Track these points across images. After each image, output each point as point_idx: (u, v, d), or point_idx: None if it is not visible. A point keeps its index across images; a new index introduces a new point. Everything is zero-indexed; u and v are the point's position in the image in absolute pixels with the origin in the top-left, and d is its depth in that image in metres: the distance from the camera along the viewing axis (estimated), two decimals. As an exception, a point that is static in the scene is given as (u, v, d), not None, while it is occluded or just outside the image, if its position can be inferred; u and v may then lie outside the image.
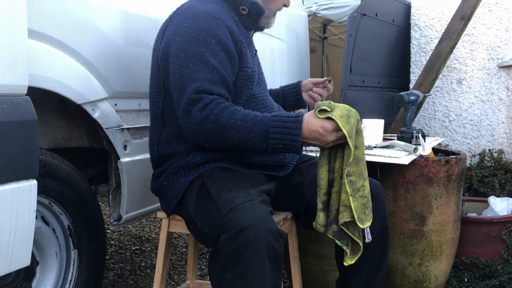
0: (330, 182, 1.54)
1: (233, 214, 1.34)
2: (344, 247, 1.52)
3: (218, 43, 1.54)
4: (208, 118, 1.48)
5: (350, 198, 1.46)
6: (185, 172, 1.60)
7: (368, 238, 1.55)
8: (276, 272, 1.31)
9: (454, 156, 2.28)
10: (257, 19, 1.73)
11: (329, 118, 1.46)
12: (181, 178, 1.60)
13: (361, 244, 1.52)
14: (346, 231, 1.50)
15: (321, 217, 1.53)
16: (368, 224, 1.50)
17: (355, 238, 1.51)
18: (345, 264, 1.53)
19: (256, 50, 1.82)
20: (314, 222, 1.55)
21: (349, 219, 1.47)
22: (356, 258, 1.53)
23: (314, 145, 1.54)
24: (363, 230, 1.53)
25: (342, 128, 1.44)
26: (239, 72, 1.62)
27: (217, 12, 1.59)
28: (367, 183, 1.52)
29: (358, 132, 1.50)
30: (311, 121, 1.48)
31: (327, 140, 1.48)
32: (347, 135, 1.45)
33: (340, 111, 1.47)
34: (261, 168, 1.65)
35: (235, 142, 1.49)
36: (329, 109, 1.47)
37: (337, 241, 1.51)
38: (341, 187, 1.49)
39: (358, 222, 1.47)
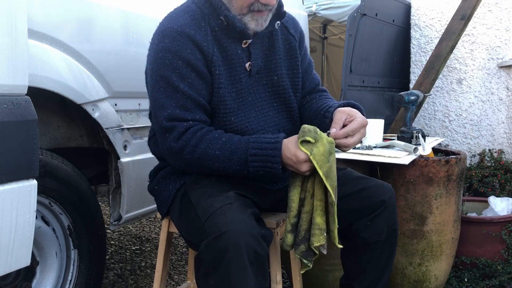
0: (301, 202, 1.48)
1: (212, 220, 1.32)
2: (310, 264, 1.48)
3: (186, 64, 1.45)
4: (184, 149, 1.44)
5: (336, 226, 1.43)
6: (174, 178, 1.58)
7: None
8: (260, 275, 1.30)
9: (454, 156, 2.28)
10: (241, 26, 1.51)
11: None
12: (170, 184, 1.58)
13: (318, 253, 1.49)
14: (315, 251, 1.46)
15: (289, 238, 1.47)
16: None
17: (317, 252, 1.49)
18: (301, 272, 1.51)
19: (252, 63, 1.57)
20: (281, 241, 1.49)
21: (324, 242, 1.43)
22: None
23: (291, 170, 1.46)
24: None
25: (319, 170, 1.39)
26: (211, 95, 1.51)
27: (186, 27, 1.47)
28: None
29: (334, 163, 1.44)
30: (288, 147, 1.42)
31: (301, 169, 1.41)
32: (323, 177, 1.39)
33: (323, 147, 1.41)
34: (252, 179, 1.58)
35: (216, 171, 1.47)
36: (313, 141, 1.40)
37: (304, 260, 1.46)
38: (313, 208, 1.44)
39: (338, 245, 1.46)
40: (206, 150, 1.43)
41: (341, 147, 1.47)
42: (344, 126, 1.48)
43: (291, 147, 1.42)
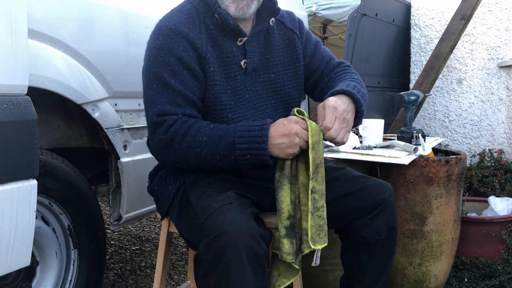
0: (293, 203, 1.44)
1: (211, 220, 1.32)
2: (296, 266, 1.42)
3: (178, 61, 1.47)
4: (174, 139, 1.44)
5: (309, 215, 1.37)
6: (174, 178, 1.59)
7: (316, 262, 1.43)
8: (259, 274, 1.29)
9: (454, 156, 2.28)
10: (234, 24, 1.51)
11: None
12: (169, 184, 1.59)
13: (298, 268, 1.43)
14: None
15: (285, 244, 1.39)
16: (320, 247, 1.40)
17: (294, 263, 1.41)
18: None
19: (247, 61, 1.58)
20: (279, 251, 1.41)
21: (309, 250, 1.39)
22: (288, 282, 1.44)
23: (280, 152, 1.43)
24: (312, 252, 1.41)
25: (309, 129, 1.39)
26: (205, 92, 1.52)
27: (180, 25, 1.49)
28: (325, 205, 1.43)
29: (321, 144, 1.44)
30: (278, 121, 1.45)
31: (291, 129, 1.41)
32: (310, 146, 1.39)
33: (315, 123, 1.43)
34: (250, 177, 1.60)
35: (203, 159, 1.45)
36: (305, 114, 1.44)
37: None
38: (302, 213, 1.40)
39: (310, 242, 1.38)
40: (194, 138, 1.44)
41: (333, 141, 1.48)
42: None
43: (280, 119, 1.46)
